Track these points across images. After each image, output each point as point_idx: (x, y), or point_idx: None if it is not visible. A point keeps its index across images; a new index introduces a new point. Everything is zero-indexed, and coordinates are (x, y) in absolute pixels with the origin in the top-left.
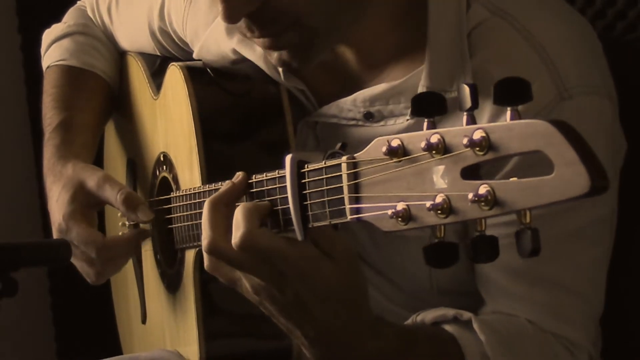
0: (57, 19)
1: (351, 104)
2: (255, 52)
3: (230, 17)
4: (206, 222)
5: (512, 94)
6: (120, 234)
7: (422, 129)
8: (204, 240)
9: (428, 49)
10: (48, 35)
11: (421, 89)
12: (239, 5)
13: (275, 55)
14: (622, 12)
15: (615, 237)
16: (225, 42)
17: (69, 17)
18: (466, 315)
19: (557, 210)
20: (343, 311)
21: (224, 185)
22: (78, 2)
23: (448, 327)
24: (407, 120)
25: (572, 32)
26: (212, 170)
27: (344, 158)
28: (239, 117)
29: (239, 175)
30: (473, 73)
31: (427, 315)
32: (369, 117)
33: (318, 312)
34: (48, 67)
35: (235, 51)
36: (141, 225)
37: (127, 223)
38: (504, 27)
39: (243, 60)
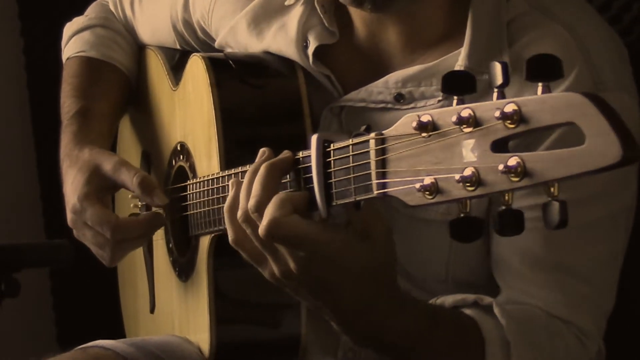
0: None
1: (382, 86)
2: (287, 39)
3: None
4: (259, 184)
5: (543, 69)
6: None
7: None
8: (252, 199)
9: (468, 30)
10: (69, 28)
11: (457, 68)
12: None
13: None
14: (617, 17)
15: None
16: (255, 39)
17: (91, 11)
18: (487, 300)
19: (578, 199)
20: (373, 290)
21: (282, 153)
22: None
23: (468, 311)
24: (439, 101)
25: (607, 35)
26: (230, 158)
27: (373, 134)
28: (259, 107)
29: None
30: (512, 60)
31: (447, 299)
32: (399, 98)
33: (347, 293)
34: (68, 58)
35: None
36: (153, 208)
37: (138, 205)
38: (544, 20)
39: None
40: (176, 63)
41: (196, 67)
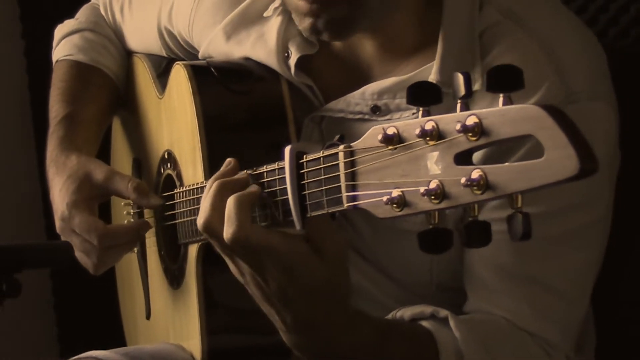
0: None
1: (359, 97)
2: (266, 49)
3: None
4: (208, 202)
5: (504, 80)
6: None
7: None
8: (200, 219)
9: (440, 44)
10: (60, 30)
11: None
12: None
13: (309, 21)
14: (614, 19)
15: (612, 240)
16: (234, 47)
17: (81, 14)
18: (443, 312)
19: (549, 211)
20: (323, 307)
21: (239, 174)
22: (92, 0)
23: (425, 324)
24: (414, 114)
25: (581, 40)
26: (214, 167)
27: (341, 147)
28: (242, 115)
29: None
30: (484, 73)
31: (406, 312)
32: (375, 110)
33: (299, 305)
34: (57, 61)
35: (240, 56)
36: (145, 216)
37: (131, 212)
38: (515, 30)
39: (248, 59)
40: (162, 71)
41: (179, 76)
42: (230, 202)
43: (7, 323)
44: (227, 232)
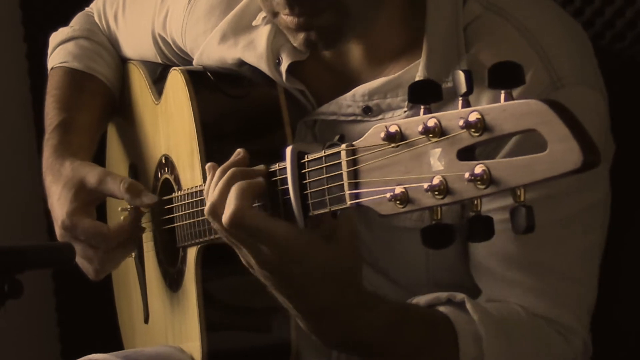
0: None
1: (350, 99)
2: (256, 55)
3: None
4: (219, 187)
5: (505, 77)
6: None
7: None
8: (209, 202)
9: (425, 41)
10: (54, 37)
11: (418, 79)
12: None
13: (302, 36)
14: (611, 21)
15: (610, 240)
16: (226, 51)
17: (75, 22)
18: (459, 296)
19: (550, 196)
20: (337, 290)
21: (257, 167)
22: (87, 8)
23: (442, 308)
24: (405, 112)
25: (565, 29)
26: None
27: (343, 146)
28: (239, 118)
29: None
30: (469, 66)
31: (421, 299)
32: (367, 111)
33: (311, 291)
34: (52, 68)
35: (234, 58)
36: (143, 222)
37: (127, 207)
38: (498, 21)
39: (242, 64)
40: (158, 77)
41: (176, 81)
42: (233, 188)
43: (9, 324)
44: (225, 215)
